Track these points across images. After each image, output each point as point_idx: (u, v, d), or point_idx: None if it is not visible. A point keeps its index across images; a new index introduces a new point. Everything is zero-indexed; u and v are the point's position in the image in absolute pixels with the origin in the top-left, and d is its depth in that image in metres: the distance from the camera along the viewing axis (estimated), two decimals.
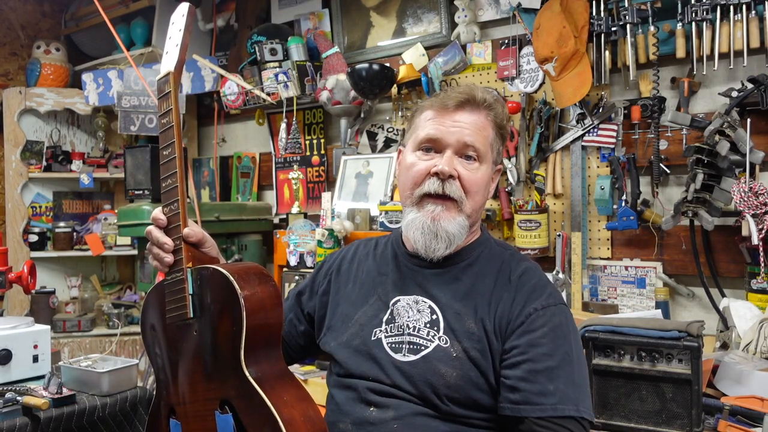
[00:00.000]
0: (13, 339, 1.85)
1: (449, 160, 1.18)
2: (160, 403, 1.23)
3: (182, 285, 1.14)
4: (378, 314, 1.23)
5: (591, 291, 2.30)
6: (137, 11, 3.48)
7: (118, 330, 3.23)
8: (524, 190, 2.44)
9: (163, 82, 1.19)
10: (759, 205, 1.81)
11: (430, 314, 1.19)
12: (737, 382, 1.60)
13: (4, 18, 3.76)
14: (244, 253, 2.99)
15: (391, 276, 1.27)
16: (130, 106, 3.17)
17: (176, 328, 1.17)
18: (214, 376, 1.12)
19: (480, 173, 1.20)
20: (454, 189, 1.18)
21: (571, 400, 1.08)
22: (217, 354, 1.12)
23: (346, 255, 1.39)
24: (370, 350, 1.20)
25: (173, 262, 1.16)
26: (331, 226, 2.47)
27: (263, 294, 1.13)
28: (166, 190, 1.18)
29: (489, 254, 1.25)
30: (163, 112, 1.19)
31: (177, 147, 1.17)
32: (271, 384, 1.09)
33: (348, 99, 2.78)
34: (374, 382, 1.18)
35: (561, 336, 1.12)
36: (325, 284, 1.37)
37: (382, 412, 1.15)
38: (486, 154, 1.21)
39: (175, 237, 1.16)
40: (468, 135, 1.19)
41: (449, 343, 1.15)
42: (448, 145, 1.19)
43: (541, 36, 2.18)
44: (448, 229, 1.18)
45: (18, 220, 3.52)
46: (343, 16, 2.98)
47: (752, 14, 1.91)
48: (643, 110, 2.16)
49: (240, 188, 3.45)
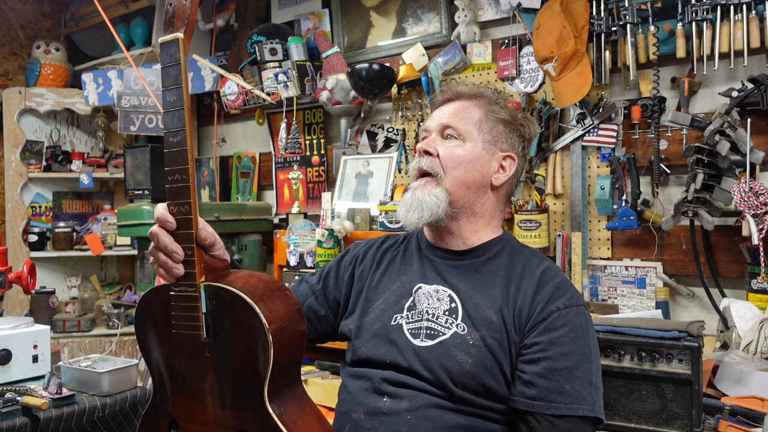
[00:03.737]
0: (12, 339, 1.85)
1: (429, 141, 1.29)
2: (158, 411, 1.15)
3: (195, 303, 1.02)
4: (400, 300, 1.26)
5: (591, 291, 2.30)
6: (137, 11, 3.48)
7: (118, 330, 3.22)
8: (524, 190, 2.44)
9: (169, 47, 0.98)
10: (759, 205, 1.81)
11: (449, 303, 1.22)
12: (737, 382, 1.60)
13: (4, 18, 3.76)
14: (244, 253, 2.99)
15: (415, 265, 1.31)
16: (130, 106, 3.17)
17: (183, 342, 1.07)
18: (231, 405, 1.04)
19: (460, 150, 1.27)
20: (427, 162, 1.27)
21: (586, 401, 1.10)
22: (235, 383, 1.04)
23: (373, 245, 1.43)
24: (389, 334, 1.22)
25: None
26: (331, 226, 2.47)
27: (289, 322, 1.05)
28: (173, 186, 1.01)
29: (510, 251, 1.29)
30: (169, 87, 0.99)
31: (188, 135, 0.98)
32: (294, 420, 1.03)
33: (348, 99, 2.78)
34: (390, 371, 1.19)
35: (581, 337, 1.14)
36: (350, 269, 1.39)
37: (395, 402, 1.16)
38: (469, 132, 1.28)
39: (184, 245, 1.02)
40: (446, 117, 1.30)
41: (467, 330, 1.17)
42: (431, 130, 1.32)
43: (541, 36, 2.18)
44: (422, 199, 1.25)
45: (18, 220, 3.51)
46: (343, 16, 2.98)
47: (752, 14, 1.91)
48: (643, 110, 2.16)
49: (240, 188, 3.44)
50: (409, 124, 2.78)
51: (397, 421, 1.14)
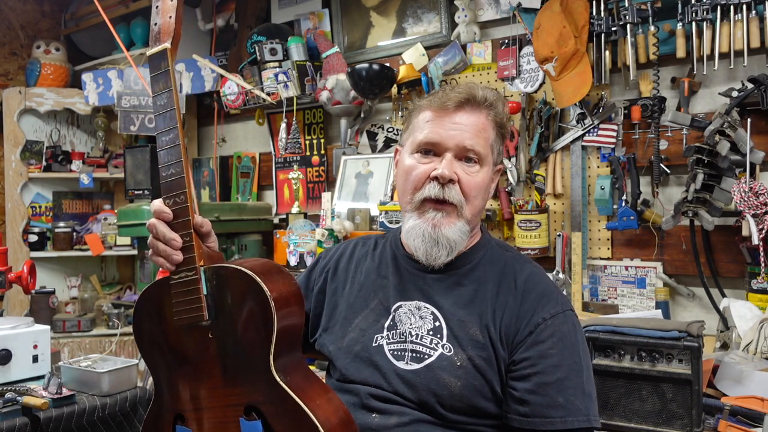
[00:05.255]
0: (12, 339, 1.85)
1: (449, 164, 1.15)
2: (161, 409, 1.15)
3: (195, 285, 1.06)
4: (379, 320, 1.21)
5: (591, 291, 2.30)
6: (137, 11, 3.48)
7: (118, 330, 3.22)
8: (524, 190, 2.44)
9: (158, 58, 1.07)
10: (759, 205, 1.81)
11: (433, 321, 1.17)
12: (737, 382, 1.60)
13: (4, 18, 3.76)
14: (244, 253, 2.99)
15: (392, 279, 1.25)
16: (129, 106, 3.17)
17: (184, 330, 1.10)
18: (238, 382, 1.06)
19: (480, 176, 1.18)
20: (454, 194, 1.15)
21: (580, 412, 1.08)
22: (240, 358, 1.05)
23: (344, 253, 1.36)
24: (371, 357, 1.18)
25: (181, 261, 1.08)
26: (331, 226, 2.47)
27: (289, 293, 1.08)
28: (167, 180, 1.07)
29: (491, 257, 1.23)
30: (158, 93, 1.07)
31: (180, 132, 1.06)
32: (302, 387, 1.04)
33: (348, 99, 2.78)
34: (375, 388, 1.16)
35: (569, 346, 1.12)
36: (321, 282, 1.33)
37: (384, 418, 1.13)
38: (486, 156, 1.18)
39: (182, 233, 1.07)
40: (468, 138, 1.16)
41: (453, 351, 1.13)
42: (447, 148, 1.16)
43: (541, 36, 2.18)
44: (449, 236, 1.15)
45: (18, 220, 3.52)
46: (343, 16, 2.98)
47: (752, 14, 1.91)
48: (643, 110, 2.16)
49: (240, 188, 3.44)
50: None
51: None
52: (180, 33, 1.08)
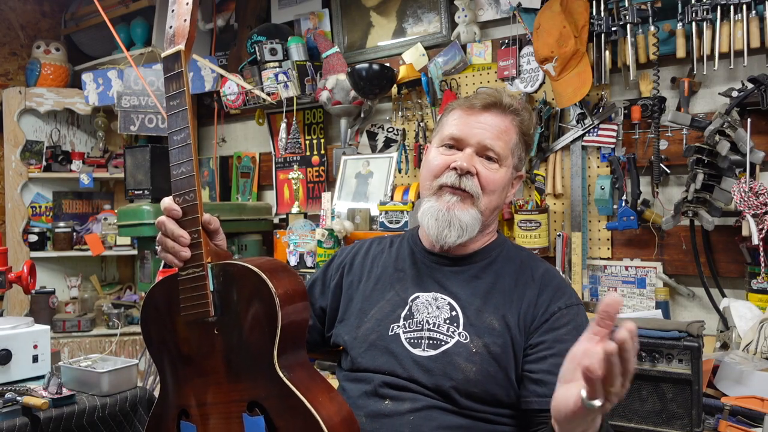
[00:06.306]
0: (12, 339, 1.85)
1: (469, 157, 1.22)
2: (166, 405, 1.17)
3: (203, 281, 1.08)
4: (396, 310, 1.25)
5: (591, 291, 2.30)
6: (137, 11, 3.48)
7: (118, 330, 3.23)
8: (524, 190, 2.44)
9: (172, 60, 1.10)
10: (759, 205, 1.81)
11: (450, 311, 1.21)
12: (737, 382, 1.60)
13: (4, 18, 3.76)
14: (244, 253, 2.99)
15: (409, 272, 1.30)
16: (129, 106, 3.17)
17: (191, 326, 1.12)
18: (241, 377, 1.07)
19: (499, 174, 1.24)
20: (470, 184, 1.21)
21: None
22: (244, 354, 1.07)
23: (359, 250, 1.41)
24: (387, 345, 1.21)
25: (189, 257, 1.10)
26: (331, 226, 2.47)
27: (294, 291, 1.09)
28: (178, 179, 1.10)
29: (507, 255, 1.29)
30: (172, 93, 1.11)
31: (192, 132, 1.09)
32: (306, 384, 1.06)
33: (348, 99, 2.78)
34: (389, 376, 1.18)
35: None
36: (337, 278, 1.37)
37: (397, 404, 1.16)
38: (506, 157, 1.25)
39: (191, 230, 1.09)
40: (489, 138, 1.22)
41: (469, 338, 1.17)
42: (469, 144, 1.23)
43: (541, 36, 2.18)
44: (461, 218, 1.21)
45: (18, 220, 3.52)
46: (343, 16, 2.98)
47: (752, 14, 1.91)
48: (643, 110, 2.16)
49: (240, 188, 3.45)
50: (409, 124, 2.78)
51: (399, 422, 1.14)
52: (194, 36, 1.12)
